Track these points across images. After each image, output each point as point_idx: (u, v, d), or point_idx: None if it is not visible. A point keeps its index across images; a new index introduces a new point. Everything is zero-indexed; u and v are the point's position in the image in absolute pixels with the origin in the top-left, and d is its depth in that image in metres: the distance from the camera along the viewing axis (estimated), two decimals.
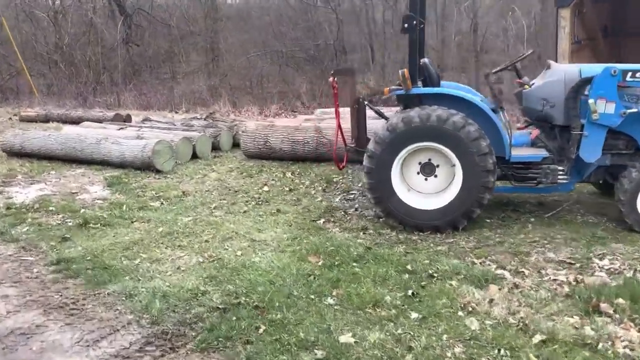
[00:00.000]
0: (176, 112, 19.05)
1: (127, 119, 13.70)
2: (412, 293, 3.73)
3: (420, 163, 5.21)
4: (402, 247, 4.73)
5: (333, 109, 12.05)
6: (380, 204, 5.16)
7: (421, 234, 5.06)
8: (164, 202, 6.65)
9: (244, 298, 3.82)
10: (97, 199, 6.77)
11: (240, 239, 5.22)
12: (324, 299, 3.74)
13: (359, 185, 7.13)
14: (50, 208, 6.34)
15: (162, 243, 5.17)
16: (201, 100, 20.51)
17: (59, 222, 5.91)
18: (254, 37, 21.39)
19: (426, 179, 5.23)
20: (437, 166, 5.17)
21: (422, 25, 5.35)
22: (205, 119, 11.65)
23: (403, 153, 5.03)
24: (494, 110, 5.11)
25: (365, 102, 5.90)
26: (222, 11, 26.44)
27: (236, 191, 7.15)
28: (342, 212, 6.00)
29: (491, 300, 3.54)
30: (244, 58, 20.55)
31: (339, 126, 6.06)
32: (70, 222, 5.89)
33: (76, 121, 13.48)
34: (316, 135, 8.34)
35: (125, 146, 8.35)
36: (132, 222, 5.89)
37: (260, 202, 6.58)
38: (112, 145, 8.45)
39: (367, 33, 19.00)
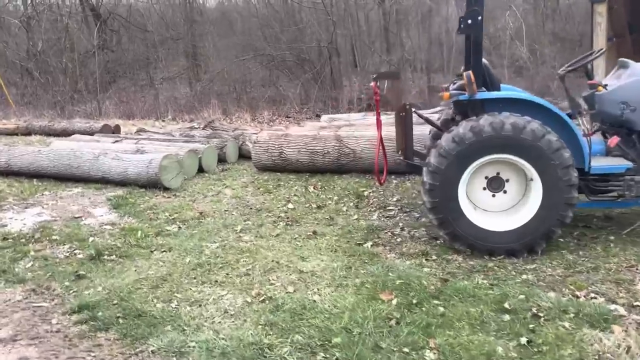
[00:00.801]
0: (163, 121, 18.21)
1: (116, 129, 12.86)
2: (527, 341, 3.13)
3: (487, 177, 4.62)
4: (481, 277, 4.13)
5: (342, 115, 11.61)
6: (446, 226, 4.55)
7: (493, 259, 4.47)
8: (181, 226, 5.93)
9: (322, 354, 3.16)
10: (105, 224, 6.00)
11: (285, 271, 4.55)
12: (422, 353, 3.10)
13: (395, 199, 6.52)
14: (54, 237, 5.56)
15: (194, 278, 4.47)
16: (187, 108, 19.69)
17: (67, 254, 5.14)
18: (240, 41, 20.64)
19: (494, 195, 4.64)
20: (507, 181, 4.59)
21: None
22: (204, 128, 10.92)
23: (472, 167, 4.44)
24: (570, 116, 4.56)
25: (413, 109, 5.30)
26: (203, 14, 25.63)
27: (258, 210, 6.47)
28: (389, 233, 5.38)
29: (628, 349, 2.96)
30: (229, 62, 19.77)
31: (381, 139, 5.44)
32: (80, 253, 5.13)
33: (60, 133, 12.57)
34: (337, 145, 7.70)
35: (128, 162, 7.57)
36: (151, 251, 5.17)
37: (290, 223, 5.91)
38: (113, 161, 7.66)
39: (356, 34, 18.42)
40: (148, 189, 7.40)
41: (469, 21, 4.48)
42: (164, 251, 5.16)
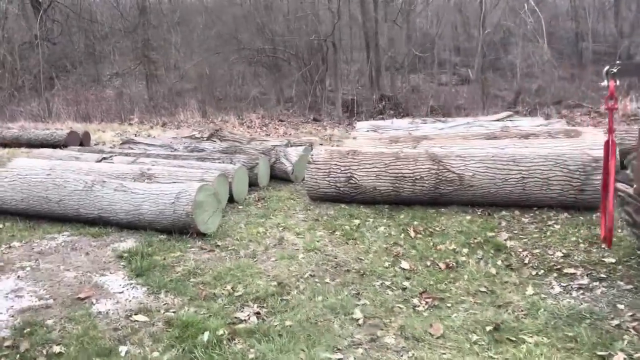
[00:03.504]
0: (130, 124, 15.50)
1: (85, 138, 10.19)
2: None
3: None
4: None
5: (383, 123, 9.20)
6: None
7: None
8: (260, 311, 3.67)
9: None
10: (134, 312, 3.63)
11: None
12: None
13: (561, 252, 4.48)
14: (55, 348, 3.15)
15: None
16: (156, 109, 16.97)
17: None
18: (218, 33, 18.04)
19: None
20: None
21: None
22: (210, 139, 8.52)
23: None
24: None
25: None
26: (162, 2, 22.77)
27: (359, 273, 4.30)
28: (630, 334, 3.32)
29: None
30: (204, 57, 17.15)
31: (614, 174, 3.38)
32: None
33: (11, 143, 9.78)
34: (435, 168, 5.60)
35: (141, 195, 5.16)
36: None
37: (430, 302, 3.77)
38: (117, 193, 5.22)
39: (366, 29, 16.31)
40: (172, 235, 5.04)
41: None
42: None
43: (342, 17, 15.44)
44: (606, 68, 3.21)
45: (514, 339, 3.27)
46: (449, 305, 3.76)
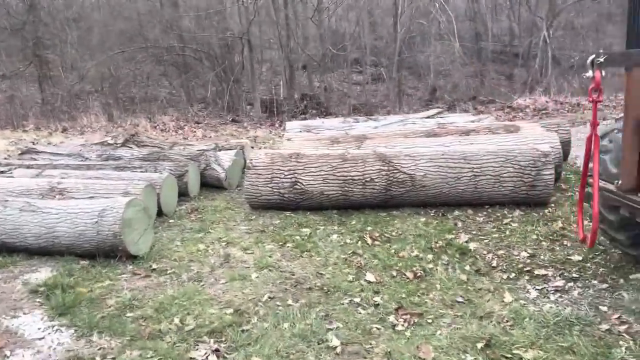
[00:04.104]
0: (24, 131, 13.89)
1: None
2: None
3: None
4: None
5: (313, 122, 8.75)
6: None
7: None
8: (223, 350, 3.13)
9: None
10: None
11: None
12: None
13: (527, 252, 4.32)
14: None
15: None
16: (54, 113, 15.39)
17: None
18: (126, 30, 16.71)
19: None
20: None
21: None
22: (125, 145, 7.67)
23: None
24: None
25: None
26: None
27: (325, 291, 3.87)
28: (624, 339, 3.15)
29: None
30: (106, 56, 15.82)
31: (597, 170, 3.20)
32: None
33: None
34: (385, 169, 5.28)
35: (54, 215, 4.34)
36: None
37: (410, 319, 3.42)
38: (23, 214, 4.37)
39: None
40: (97, 260, 4.29)
41: None
42: None
43: (256, 14, 14.87)
44: (591, 58, 3.02)
45: (509, 355, 2.99)
46: (429, 321, 3.42)
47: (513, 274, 4.01)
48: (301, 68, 17.24)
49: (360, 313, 3.54)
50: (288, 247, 4.69)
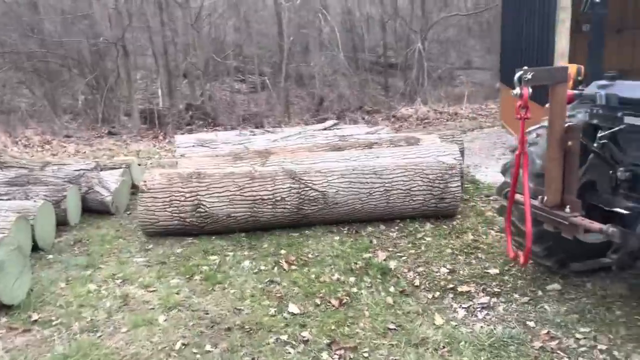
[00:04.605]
0: None
1: None
2: None
3: None
4: None
5: (207, 135, 8.00)
6: None
7: None
8: None
9: None
10: None
11: None
12: None
13: (447, 267, 4.27)
14: None
15: None
16: None
17: None
18: None
19: None
20: None
21: None
22: None
23: None
24: None
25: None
26: None
27: (247, 330, 3.50)
28: (559, 356, 3.16)
29: None
30: None
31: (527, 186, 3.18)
32: None
33: None
34: (296, 186, 4.99)
35: None
36: None
37: (348, 357, 3.17)
38: None
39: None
40: None
41: None
42: None
43: (131, 20, 13.81)
44: (518, 74, 2.99)
45: None
46: (365, 354, 3.18)
47: (437, 293, 3.92)
48: (182, 76, 16.40)
49: (289, 353, 3.21)
50: (196, 279, 4.20)
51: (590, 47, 3.67)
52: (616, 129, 3.29)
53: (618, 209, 3.34)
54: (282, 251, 4.69)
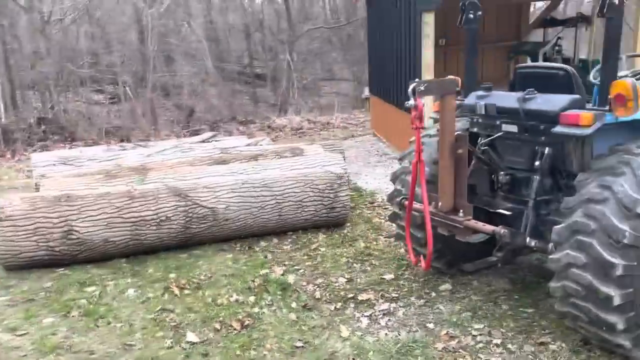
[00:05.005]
0: None
1: None
2: None
3: None
4: None
5: (70, 152, 7.05)
6: (629, 319, 2.87)
7: None
8: None
9: None
10: None
11: None
12: None
13: (359, 276, 4.27)
14: None
15: None
16: None
17: None
18: None
19: None
20: None
21: None
22: None
23: None
24: None
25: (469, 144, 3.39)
26: None
27: None
28: (461, 355, 3.29)
29: None
30: None
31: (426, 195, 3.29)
32: None
33: None
34: (183, 204, 4.69)
35: None
36: None
37: None
38: None
39: None
40: None
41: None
42: None
43: None
44: (412, 86, 3.08)
45: None
46: None
47: (339, 303, 3.91)
48: (30, 87, 14.78)
49: None
50: (74, 316, 3.72)
51: (466, 60, 3.92)
52: (495, 136, 3.56)
53: (501, 210, 3.59)
54: (171, 275, 4.35)
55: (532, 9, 12.50)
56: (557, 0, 11.45)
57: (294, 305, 3.88)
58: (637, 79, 3.21)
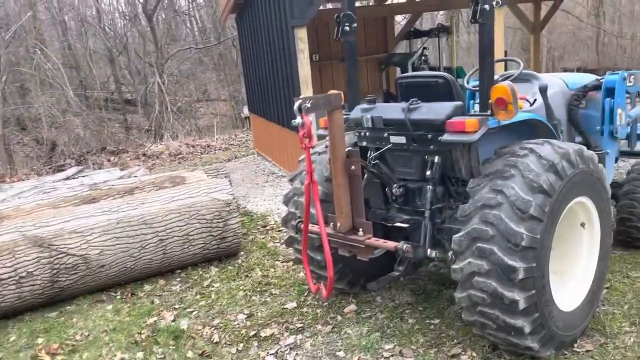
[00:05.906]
0: None
1: None
2: None
3: None
4: None
5: None
6: (539, 328, 2.86)
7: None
8: None
9: None
10: None
11: None
12: None
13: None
14: None
15: None
16: None
17: None
18: None
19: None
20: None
21: None
22: None
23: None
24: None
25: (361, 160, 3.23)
26: None
27: None
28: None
29: None
30: None
31: (323, 221, 3.09)
32: None
33: None
34: (47, 256, 4.04)
35: None
36: None
37: None
38: None
39: None
40: None
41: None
42: None
43: None
44: (297, 104, 2.87)
45: None
46: None
47: (241, 345, 3.57)
48: None
49: None
50: None
51: (347, 73, 3.83)
52: (384, 148, 3.47)
53: (398, 224, 3.50)
54: (39, 340, 3.72)
55: (395, 23, 13.15)
56: (416, 14, 12.12)
57: (190, 354, 3.47)
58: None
